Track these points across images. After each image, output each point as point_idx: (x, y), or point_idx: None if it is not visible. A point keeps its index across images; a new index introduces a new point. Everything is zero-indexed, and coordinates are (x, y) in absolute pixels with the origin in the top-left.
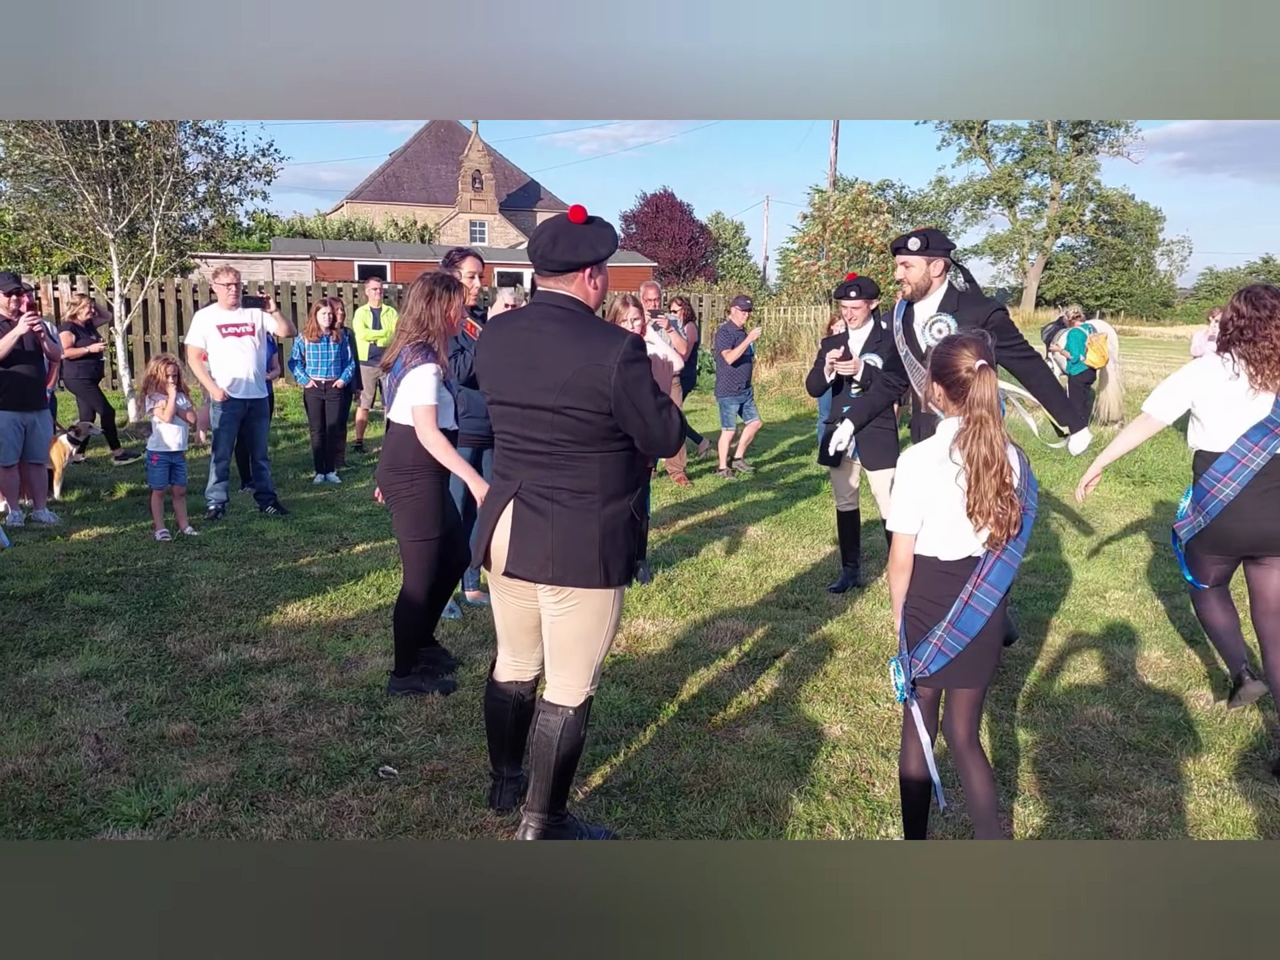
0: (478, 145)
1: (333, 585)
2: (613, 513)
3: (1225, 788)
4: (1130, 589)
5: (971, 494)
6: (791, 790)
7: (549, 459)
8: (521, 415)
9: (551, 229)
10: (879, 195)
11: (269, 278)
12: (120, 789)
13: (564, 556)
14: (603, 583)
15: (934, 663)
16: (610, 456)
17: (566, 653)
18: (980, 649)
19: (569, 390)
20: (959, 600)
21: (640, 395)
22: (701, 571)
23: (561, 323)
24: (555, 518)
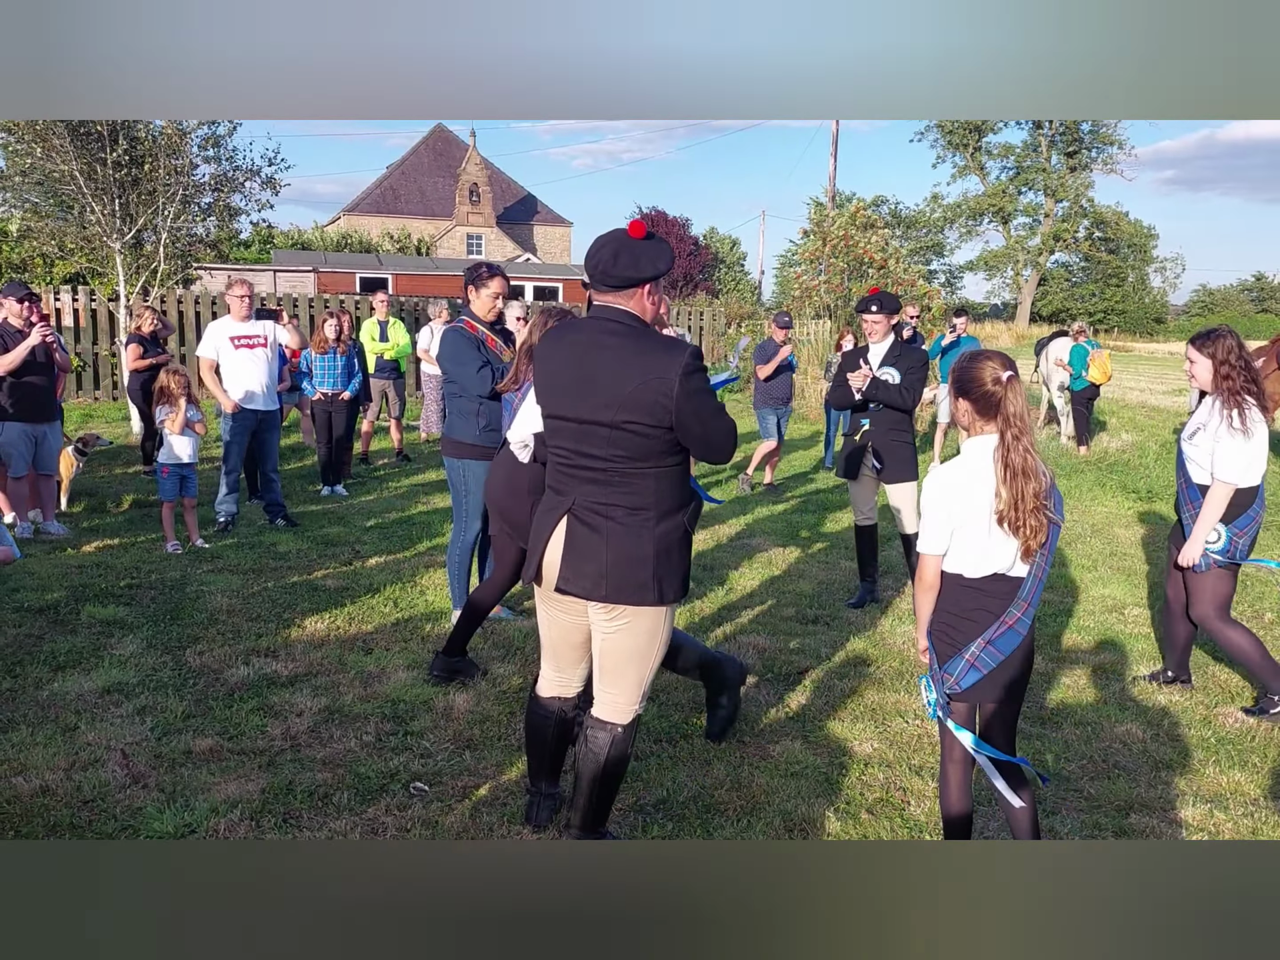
0: (475, 158)
1: (349, 599)
2: (667, 529)
3: (1262, 807)
4: (1148, 605)
5: (1008, 505)
6: (827, 809)
7: (604, 475)
8: (578, 430)
9: (613, 244)
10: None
11: (271, 289)
12: (151, 805)
13: (618, 575)
14: (656, 600)
15: (966, 678)
16: (665, 472)
17: (618, 670)
18: (1013, 665)
19: (629, 405)
20: (1000, 623)
21: (703, 404)
22: (719, 587)
23: (621, 337)
24: (610, 535)
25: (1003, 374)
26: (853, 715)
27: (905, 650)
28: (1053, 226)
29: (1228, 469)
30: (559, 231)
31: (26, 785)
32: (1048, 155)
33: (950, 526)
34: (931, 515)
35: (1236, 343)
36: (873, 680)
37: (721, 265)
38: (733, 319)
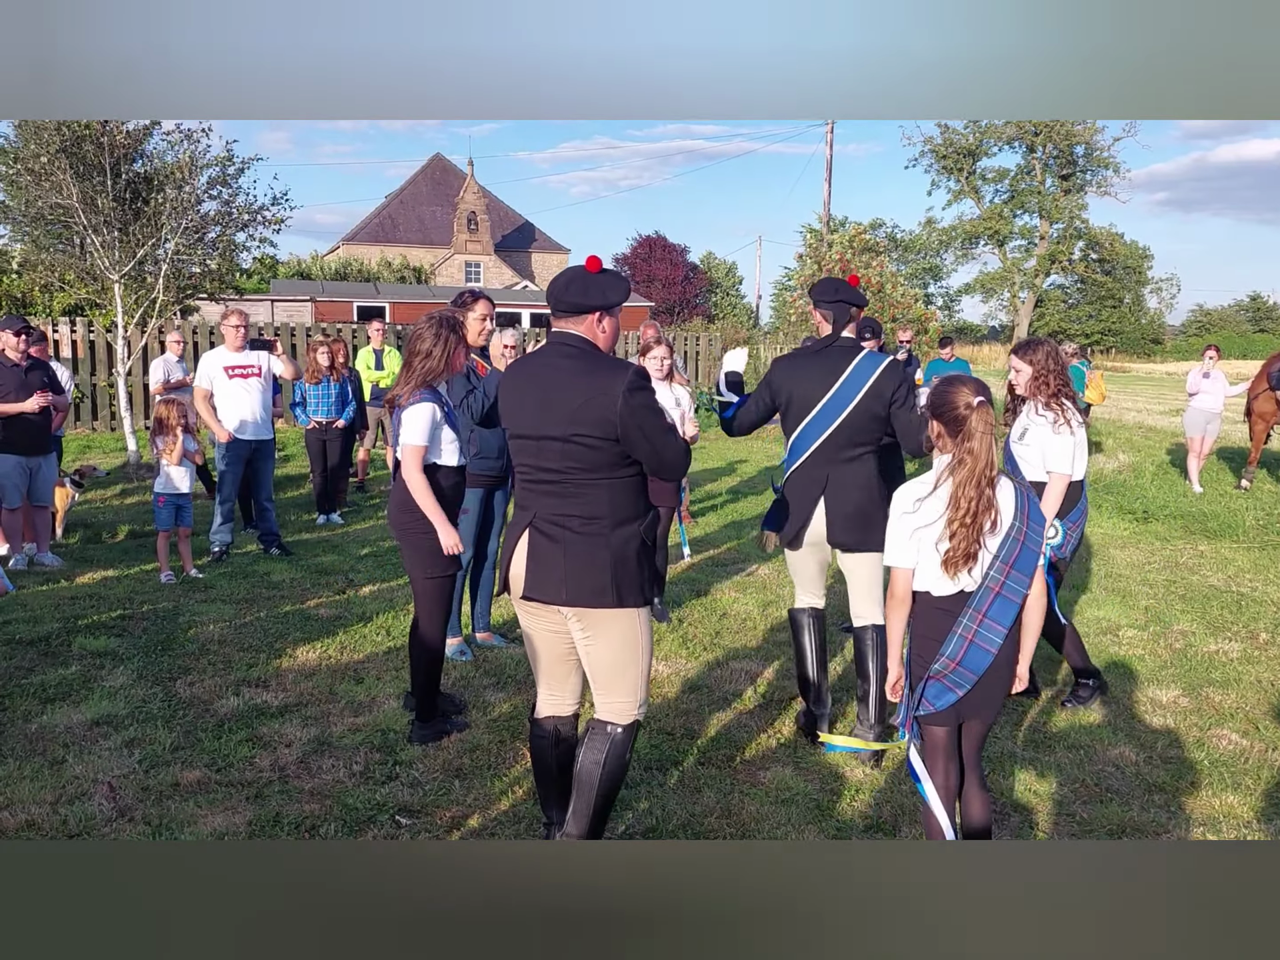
0: (473, 187)
1: (341, 627)
2: (623, 538)
3: (1255, 830)
4: (1143, 627)
5: (956, 521)
6: (817, 835)
7: (560, 487)
8: (536, 447)
9: (568, 275)
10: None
11: (269, 319)
12: (136, 838)
13: (576, 580)
14: (615, 603)
15: (941, 699)
16: (618, 483)
17: (605, 678)
18: (991, 683)
19: (578, 420)
20: (960, 638)
21: (646, 420)
22: (711, 612)
23: (572, 359)
24: (567, 544)
25: (973, 399)
26: (842, 738)
27: None
28: (1048, 249)
29: (1060, 461)
30: (557, 259)
31: (12, 819)
32: (1042, 178)
33: (913, 539)
34: (896, 527)
35: (1054, 350)
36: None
37: (718, 290)
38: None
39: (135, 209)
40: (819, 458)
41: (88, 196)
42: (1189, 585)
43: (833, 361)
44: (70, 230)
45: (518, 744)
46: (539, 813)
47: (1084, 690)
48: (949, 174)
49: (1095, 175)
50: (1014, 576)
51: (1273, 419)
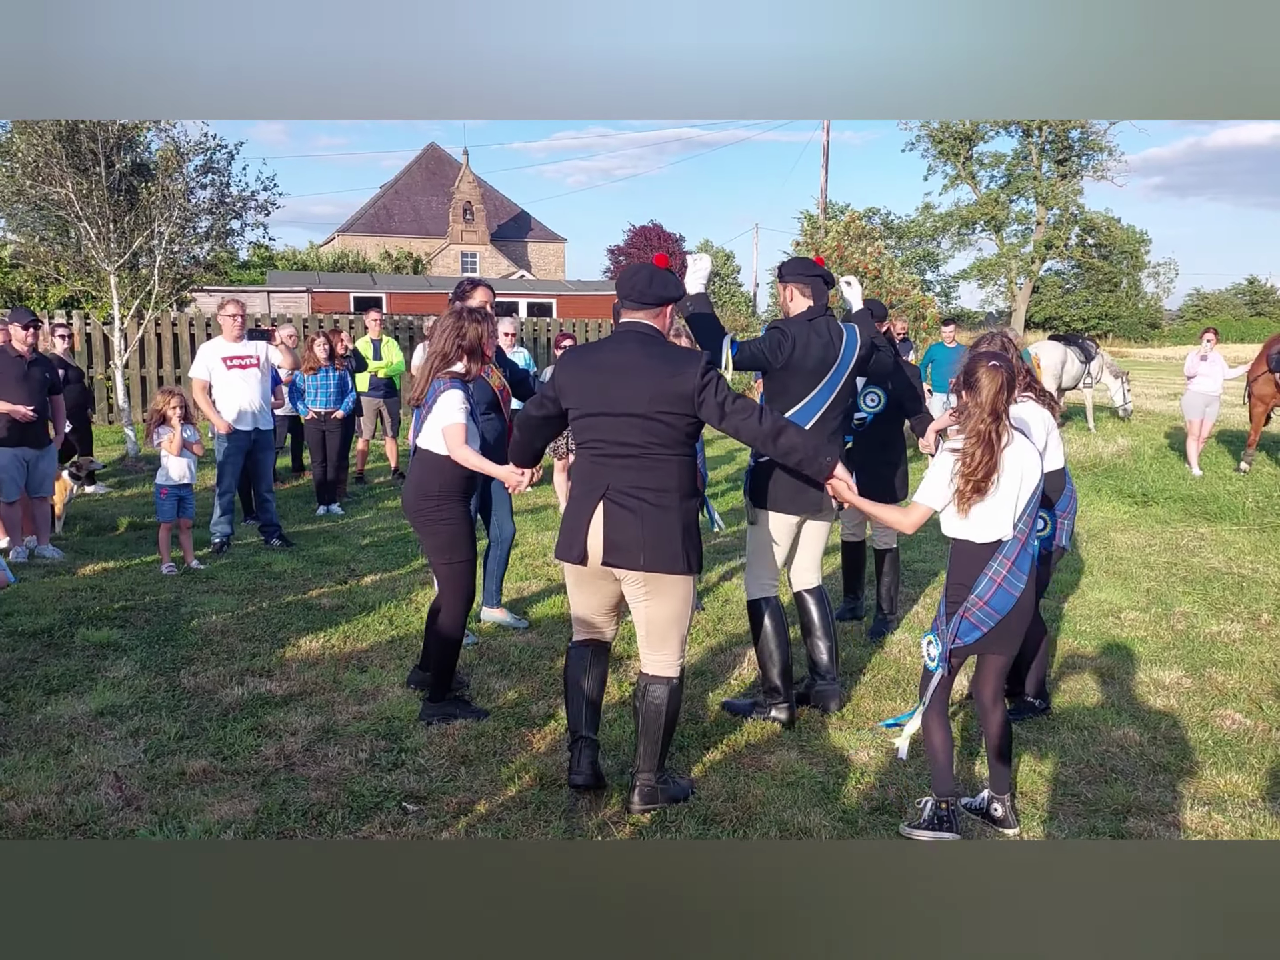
0: (468, 177)
1: (344, 617)
2: (688, 509)
3: (1260, 809)
4: (1144, 609)
5: (968, 463)
6: (824, 818)
7: (638, 461)
8: (614, 422)
9: (647, 271)
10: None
11: (266, 310)
12: (144, 828)
13: (655, 547)
14: (686, 570)
15: (969, 635)
16: (684, 460)
17: (661, 635)
18: (1012, 622)
19: (660, 398)
20: (989, 580)
21: (729, 396)
22: (714, 598)
23: (650, 344)
24: (644, 514)
25: (989, 364)
26: (848, 724)
27: (901, 659)
28: (1045, 234)
29: None
30: (553, 248)
31: (19, 809)
32: (1038, 163)
33: (949, 491)
34: (940, 471)
35: (1013, 348)
36: (868, 689)
37: (716, 278)
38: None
39: (129, 200)
40: (818, 427)
41: (82, 188)
42: (1190, 567)
43: (832, 332)
44: (65, 222)
45: (523, 731)
46: (545, 798)
47: (1025, 706)
48: (945, 159)
49: (1091, 160)
50: (1033, 532)
51: (1272, 401)
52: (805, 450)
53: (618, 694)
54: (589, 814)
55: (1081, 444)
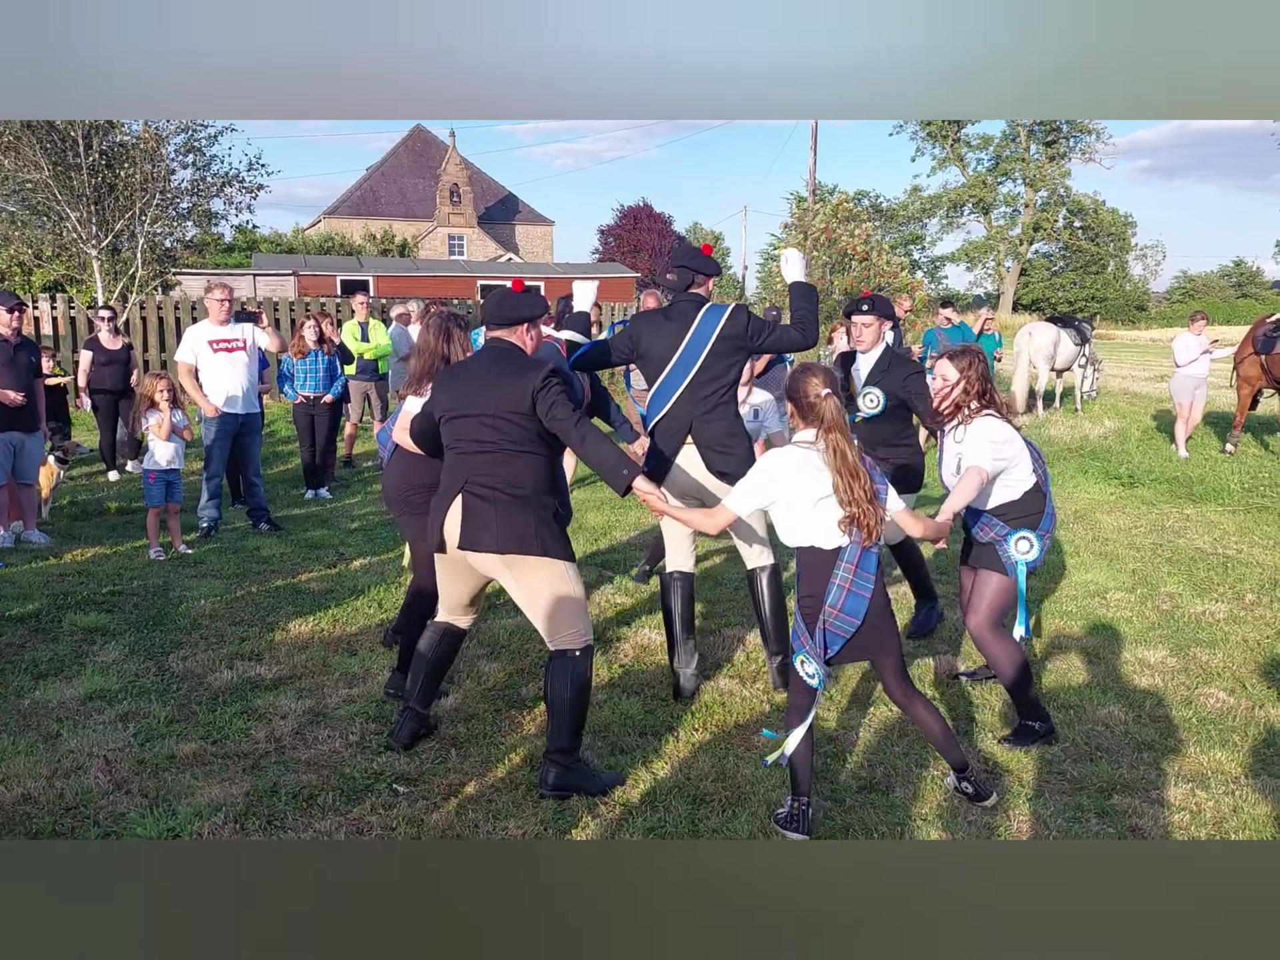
0: (455, 159)
1: (334, 601)
2: (542, 504)
3: (1243, 785)
4: (1130, 590)
5: (843, 493)
6: (813, 797)
7: (492, 457)
8: (470, 422)
9: (499, 295)
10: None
11: (252, 293)
12: (134, 811)
13: (506, 531)
14: (540, 552)
15: (835, 644)
16: (542, 459)
17: (544, 614)
18: (876, 628)
19: (504, 401)
20: (838, 587)
21: (562, 411)
22: (704, 580)
23: (502, 356)
24: (497, 503)
25: (822, 391)
26: (836, 704)
27: None
28: (1033, 216)
29: (979, 455)
30: (541, 230)
31: (8, 793)
32: (1026, 145)
33: (764, 497)
34: (753, 481)
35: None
36: (857, 669)
37: None
38: None
39: (109, 183)
40: (680, 407)
41: (60, 171)
42: (1175, 548)
43: (686, 316)
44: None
45: (513, 713)
46: (536, 779)
47: (1025, 731)
48: (933, 141)
49: (1079, 142)
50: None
51: (1258, 383)
52: (605, 464)
53: (607, 675)
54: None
55: (1069, 426)
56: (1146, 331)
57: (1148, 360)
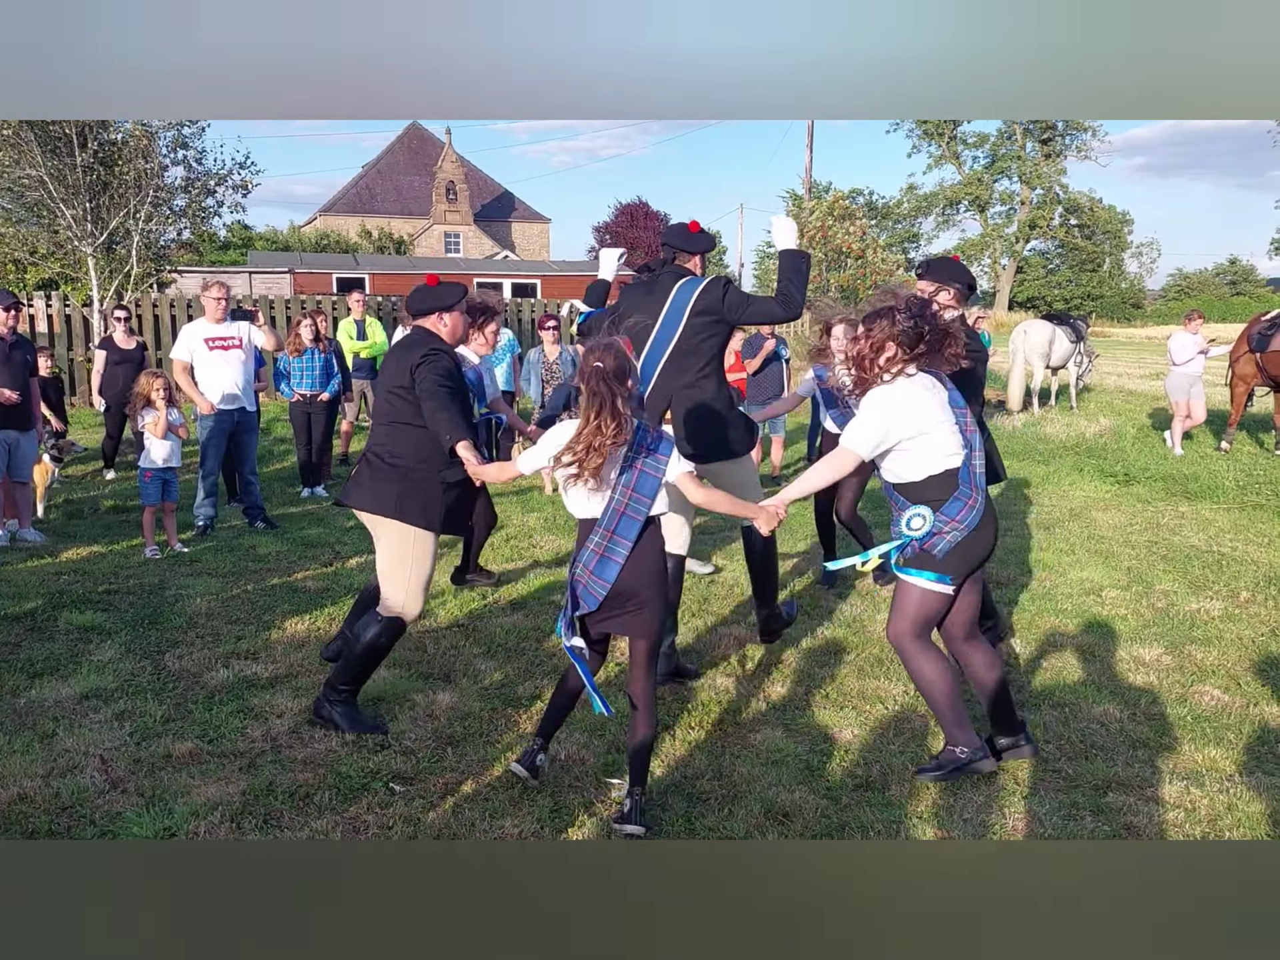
0: (451, 156)
1: (330, 600)
2: (421, 474)
3: (1237, 783)
4: (1125, 587)
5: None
6: (808, 794)
7: (384, 429)
8: (381, 398)
9: (416, 288)
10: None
11: (247, 291)
12: (130, 810)
13: (370, 492)
14: (394, 514)
15: (589, 601)
16: (418, 431)
17: (382, 575)
18: (642, 604)
19: (392, 378)
20: (591, 551)
21: (426, 383)
22: (699, 578)
23: (406, 343)
24: (375, 467)
25: (595, 362)
26: (833, 702)
27: (885, 637)
28: (1029, 214)
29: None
30: (537, 228)
31: (4, 793)
32: (1022, 143)
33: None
34: (545, 442)
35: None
36: (853, 667)
37: None
38: None
39: (104, 180)
40: (662, 380)
41: (56, 168)
42: (1170, 546)
43: (664, 287)
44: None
45: (509, 711)
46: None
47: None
48: (929, 139)
49: (1075, 140)
50: (635, 499)
51: (1253, 381)
52: (441, 429)
53: (604, 674)
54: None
55: (1064, 423)
56: (1141, 329)
57: (1143, 358)
